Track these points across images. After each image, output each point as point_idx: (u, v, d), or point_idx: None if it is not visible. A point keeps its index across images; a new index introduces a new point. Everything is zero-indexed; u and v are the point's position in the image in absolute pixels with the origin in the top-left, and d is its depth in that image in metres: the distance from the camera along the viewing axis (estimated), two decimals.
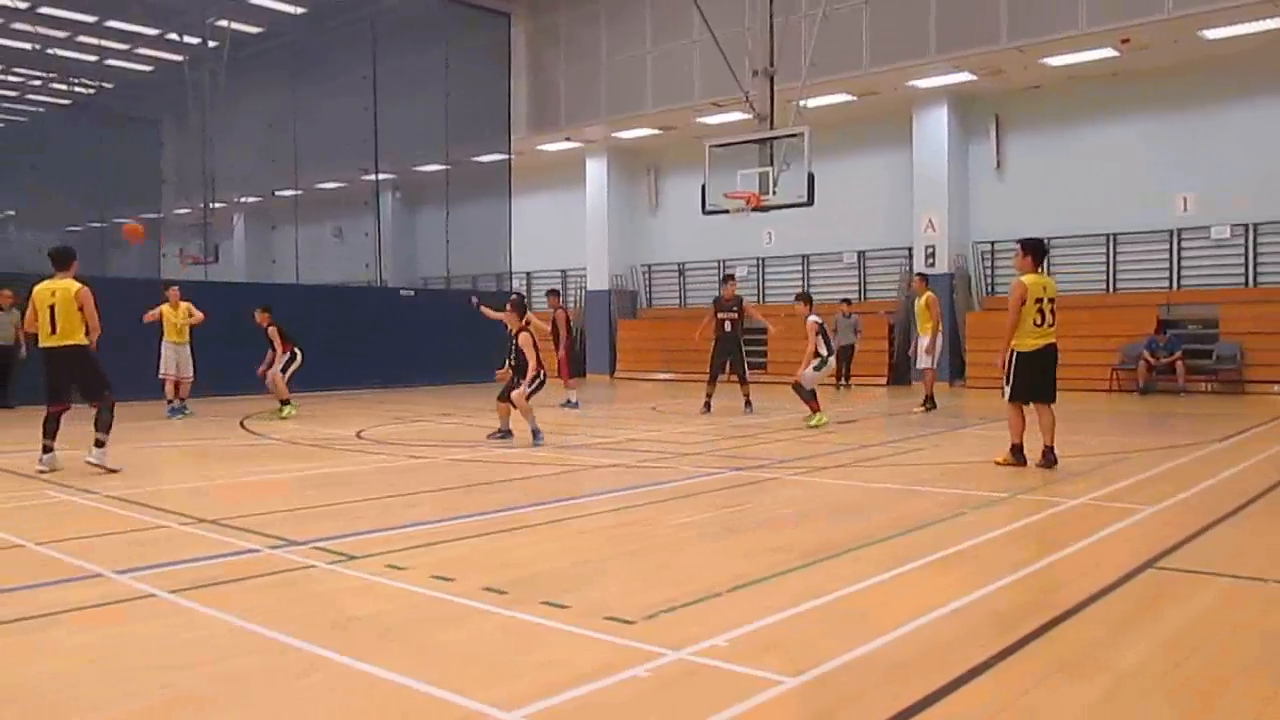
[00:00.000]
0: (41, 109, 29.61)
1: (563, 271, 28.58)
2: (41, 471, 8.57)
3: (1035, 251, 8.62)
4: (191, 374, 14.26)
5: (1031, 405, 8.52)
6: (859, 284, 22.90)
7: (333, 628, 4.04)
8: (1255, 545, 5.60)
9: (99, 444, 8.57)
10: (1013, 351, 8.44)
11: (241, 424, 13.25)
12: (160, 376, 14.13)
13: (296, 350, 14.49)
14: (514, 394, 10.64)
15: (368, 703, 3.28)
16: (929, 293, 14.76)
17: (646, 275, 26.99)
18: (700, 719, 3.06)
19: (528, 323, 11.00)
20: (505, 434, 11.06)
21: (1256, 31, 16.47)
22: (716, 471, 8.52)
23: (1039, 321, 8.34)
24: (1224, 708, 3.20)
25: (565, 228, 27.81)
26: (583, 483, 8.34)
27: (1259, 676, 3.50)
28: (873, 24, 19.18)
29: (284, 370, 14.31)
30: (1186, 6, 15.84)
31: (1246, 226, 18.25)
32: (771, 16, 16.45)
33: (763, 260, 24.63)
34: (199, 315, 14.37)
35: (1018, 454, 8.52)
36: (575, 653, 3.72)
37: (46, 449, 8.72)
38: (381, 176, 23.55)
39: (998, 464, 8.56)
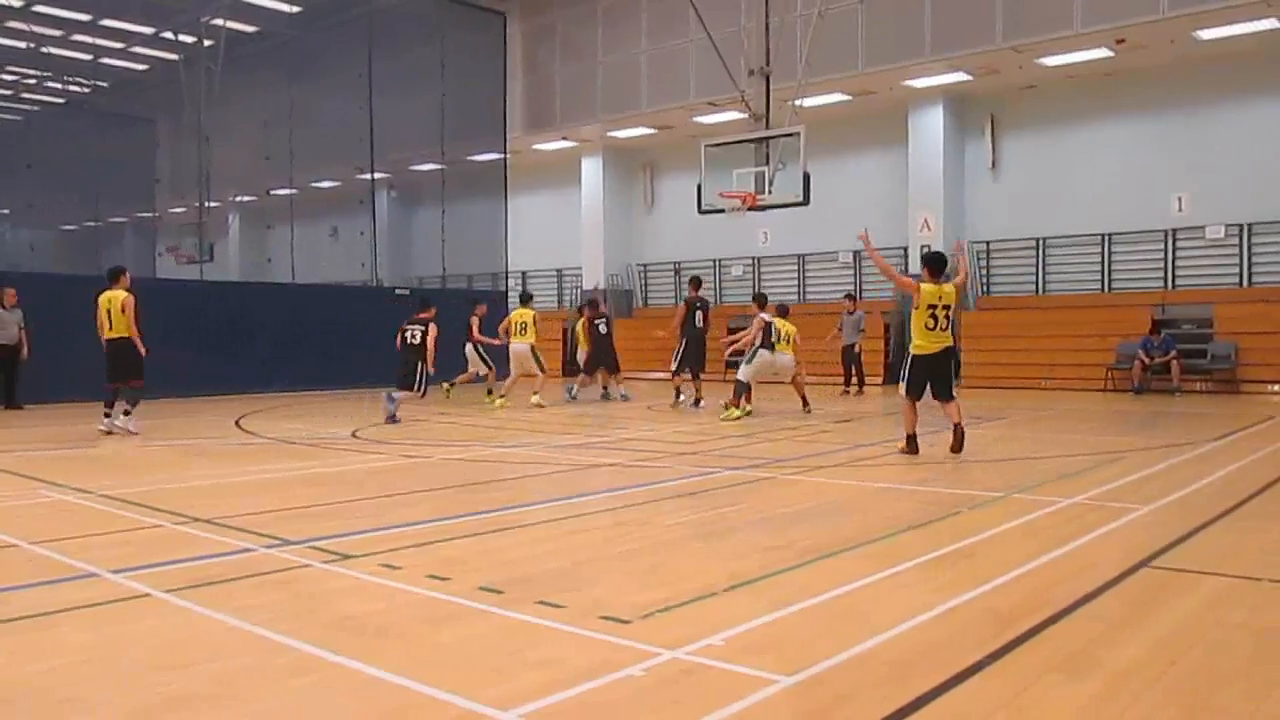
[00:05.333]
0: (36, 108, 29.53)
1: (558, 271, 28.58)
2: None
3: (932, 265, 9.25)
4: None
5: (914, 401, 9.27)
6: (854, 284, 22.92)
7: (328, 627, 4.03)
8: (1249, 544, 5.62)
9: (126, 413, 11.56)
10: (909, 355, 9.27)
11: (237, 423, 13.24)
12: None
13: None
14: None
15: (363, 702, 3.28)
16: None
17: (642, 275, 27.00)
18: (697, 718, 3.06)
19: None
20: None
21: (1251, 32, 16.53)
22: (713, 471, 8.52)
23: (931, 325, 8.97)
24: (1218, 706, 3.21)
25: (561, 227, 27.80)
26: (579, 482, 8.34)
27: (1253, 675, 3.51)
28: (868, 24, 19.20)
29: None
30: (1181, 7, 15.87)
31: (1241, 226, 18.30)
32: (767, 16, 16.46)
33: (758, 260, 24.65)
34: None
35: (912, 443, 9.28)
36: (571, 652, 3.72)
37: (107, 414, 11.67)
38: (377, 176, 23.52)
39: (900, 451, 9.33)
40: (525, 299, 16.75)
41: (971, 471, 8.50)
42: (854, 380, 18.29)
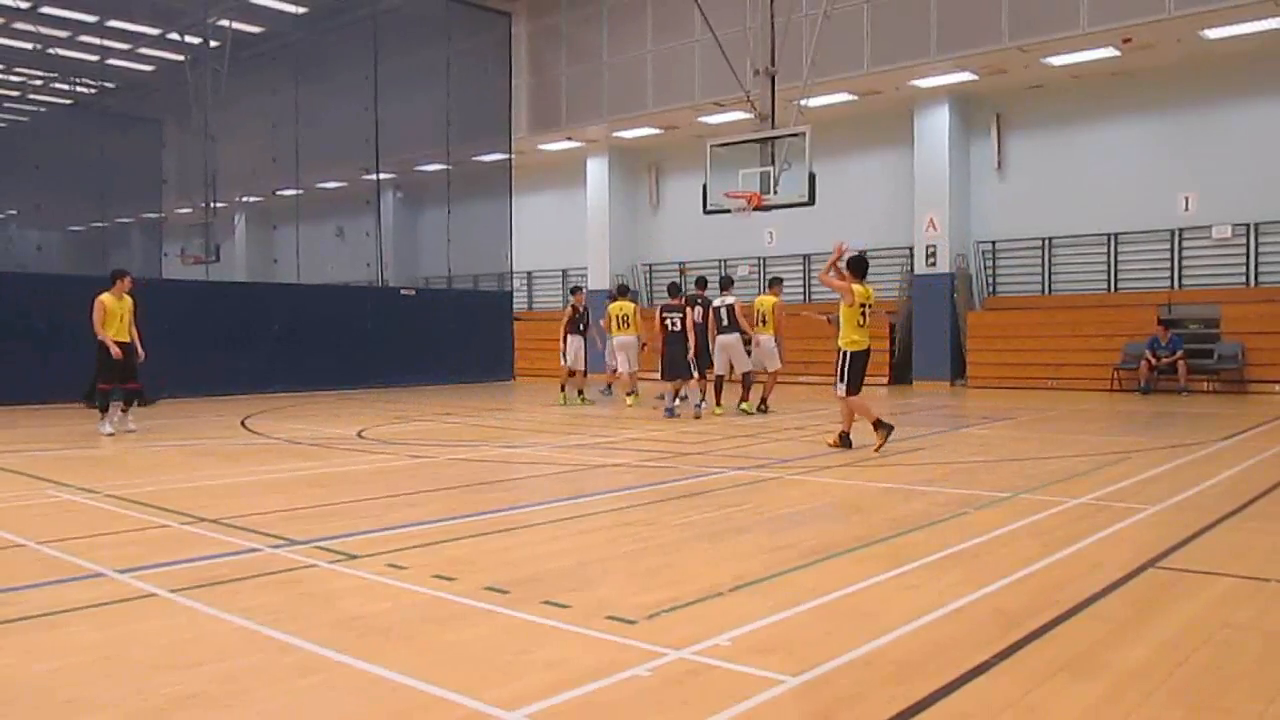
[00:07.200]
0: (43, 109, 29.64)
1: (564, 271, 28.59)
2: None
3: (855, 269, 10.09)
4: None
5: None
6: None
7: (334, 627, 4.04)
8: (1257, 545, 5.60)
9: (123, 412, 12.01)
10: (845, 351, 9.83)
11: (243, 423, 13.26)
12: None
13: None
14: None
15: (369, 702, 3.28)
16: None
17: (648, 275, 26.99)
18: (702, 718, 3.06)
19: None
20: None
21: (1258, 31, 16.47)
22: (718, 471, 8.52)
23: (861, 322, 9.78)
24: (1226, 708, 3.20)
25: (566, 227, 27.82)
26: (584, 482, 8.34)
27: (1261, 676, 3.49)
28: (874, 24, 19.17)
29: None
30: (1188, 6, 15.83)
31: (1248, 226, 18.24)
32: (773, 16, 16.43)
33: (764, 260, 24.62)
34: None
35: (845, 440, 9.97)
36: (577, 652, 3.72)
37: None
38: (383, 176, 23.54)
39: (831, 446, 9.97)
40: (623, 290, 16.66)
41: (978, 472, 8.49)
42: None
